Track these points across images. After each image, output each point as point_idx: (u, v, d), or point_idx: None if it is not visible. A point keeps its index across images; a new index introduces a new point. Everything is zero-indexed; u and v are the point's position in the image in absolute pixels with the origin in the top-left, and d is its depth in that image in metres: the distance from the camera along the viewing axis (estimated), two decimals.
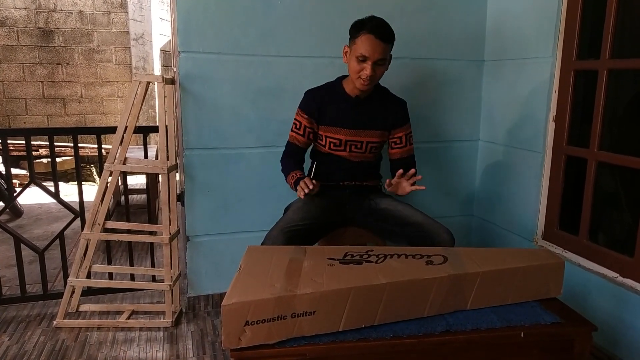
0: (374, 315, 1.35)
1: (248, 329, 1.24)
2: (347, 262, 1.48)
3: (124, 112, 2.16)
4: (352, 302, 1.31)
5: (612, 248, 1.95)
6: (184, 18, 2.14)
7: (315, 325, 1.29)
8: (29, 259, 2.77)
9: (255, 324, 1.24)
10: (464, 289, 1.44)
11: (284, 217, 1.90)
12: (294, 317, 1.27)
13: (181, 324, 2.30)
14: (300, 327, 1.28)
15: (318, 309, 1.29)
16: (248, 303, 1.24)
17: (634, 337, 1.81)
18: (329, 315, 1.30)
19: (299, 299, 1.27)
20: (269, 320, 1.25)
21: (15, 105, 6.38)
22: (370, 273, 1.40)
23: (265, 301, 1.25)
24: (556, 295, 1.56)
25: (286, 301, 1.26)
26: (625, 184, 2.07)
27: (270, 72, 2.29)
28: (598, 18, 1.92)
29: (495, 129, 2.55)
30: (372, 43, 1.76)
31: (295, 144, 2.00)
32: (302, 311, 1.27)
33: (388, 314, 1.36)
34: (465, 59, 2.56)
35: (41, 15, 6.28)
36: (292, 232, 1.80)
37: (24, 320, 2.31)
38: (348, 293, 1.31)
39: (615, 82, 1.97)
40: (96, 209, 2.23)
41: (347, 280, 1.35)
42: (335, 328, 1.31)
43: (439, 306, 1.42)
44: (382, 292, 1.34)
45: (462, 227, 2.75)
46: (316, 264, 1.46)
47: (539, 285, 1.54)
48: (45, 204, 4.45)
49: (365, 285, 1.33)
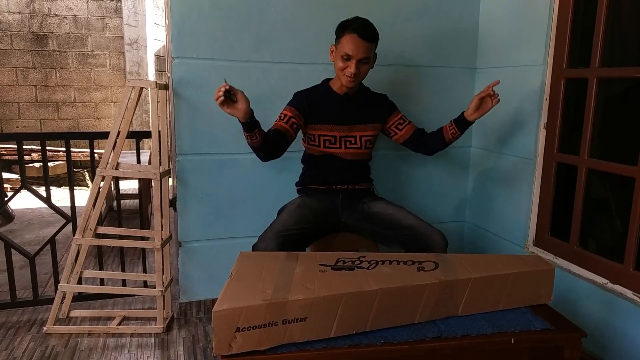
0: (365, 322, 1.35)
1: (239, 335, 1.23)
2: (338, 268, 1.49)
3: (117, 117, 2.16)
4: (343, 308, 1.31)
5: (603, 255, 1.96)
6: (178, 24, 2.15)
7: (307, 331, 1.29)
8: (20, 264, 2.75)
9: (247, 330, 1.23)
10: (455, 295, 1.45)
11: (278, 220, 1.90)
12: (285, 324, 1.27)
13: (173, 330, 2.29)
14: (292, 333, 1.28)
15: (309, 315, 1.28)
16: (239, 309, 1.23)
17: (623, 343, 1.82)
18: (320, 321, 1.30)
19: (291, 305, 1.27)
20: (260, 327, 1.25)
21: (8, 110, 6.34)
22: (362, 279, 1.40)
23: (257, 307, 1.24)
24: (547, 301, 1.57)
25: (278, 307, 1.26)
26: (615, 191, 2.09)
27: (264, 79, 2.29)
28: (588, 27, 1.95)
29: (487, 136, 2.57)
30: (356, 42, 1.83)
31: (275, 128, 1.92)
32: (293, 317, 1.27)
33: (379, 320, 1.36)
34: (458, 66, 2.58)
35: (35, 20, 6.26)
36: (286, 237, 1.80)
37: (13, 326, 2.29)
38: (340, 299, 1.31)
39: (605, 90, 1.99)
40: (88, 214, 2.22)
41: (338, 287, 1.35)
42: (327, 334, 1.31)
43: (430, 312, 1.42)
44: (374, 299, 1.34)
45: (454, 233, 2.75)
46: (308, 270, 1.46)
47: (530, 291, 1.55)
48: (37, 209, 4.42)
49: (356, 292, 1.33)
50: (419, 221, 1.89)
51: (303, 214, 1.92)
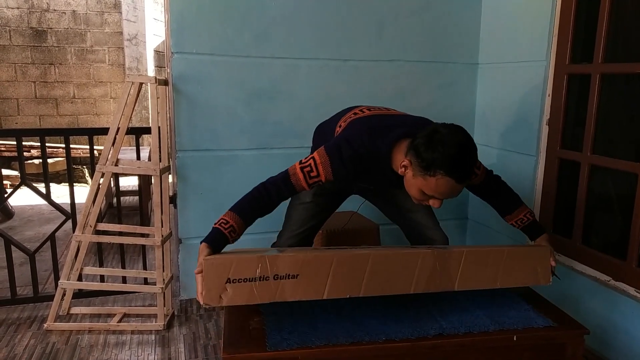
0: (358, 286, 1.34)
1: (229, 287, 1.24)
2: (331, 248, 1.50)
3: (117, 113, 2.14)
4: (335, 269, 1.31)
5: (605, 252, 1.95)
6: (178, 19, 2.13)
7: (298, 290, 1.29)
8: (20, 261, 2.74)
9: (237, 282, 1.25)
10: (449, 267, 1.42)
11: (294, 217, 1.80)
12: (276, 279, 1.27)
13: (173, 327, 2.28)
14: (283, 290, 1.28)
15: (301, 273, 1.29)
16: (230, 259, 1.25)
17: (626, 341, 1.82)
18: (312, 280, 1.30)
19: (281, 260, 1.28)
20: (250, 280, 1.25)
21: (7, 106, 6.32)
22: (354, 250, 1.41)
23: (248, 259, 1.26)
24: (545, 283, 1.54)
25: (269, 261, 1.27)
26: (618, 187, 2.08)
27: (264, 74, 2.28)
28: (591, 22, 1.93)
29: (490, 132, 2.56)
30: (452, 187, 1.38)
31: (294, 186, 1.50)
32: (284, 273, 1.28)
33: (373, 285, 1.35)
34: (460, 62, 2.57)
35: (34, 15, 6.23)
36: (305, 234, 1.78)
37: (14, 323, 2.28)
38: (331, 259, 1.31)
39: (608, 85, 1.98)
40: (88, 211, 2.21)
41: (330, 252, 1.36)
42: (319, 295, 1.31)
43: (425, 283, 1.40)
44: (366, 262, 1.34)
45: (456, 230, 2.75)
46: (300, 249, 1.48)
47: (527, 269, 1.52)
48: (37, 206, 4.40)
49: (348, 254, 1.34)
50: (428, 220, 1.80)
51: (320, 204, 1.79)
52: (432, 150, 1.34)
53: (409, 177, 1.43)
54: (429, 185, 1.38)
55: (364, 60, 2.39)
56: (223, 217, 1.46)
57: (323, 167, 1.47)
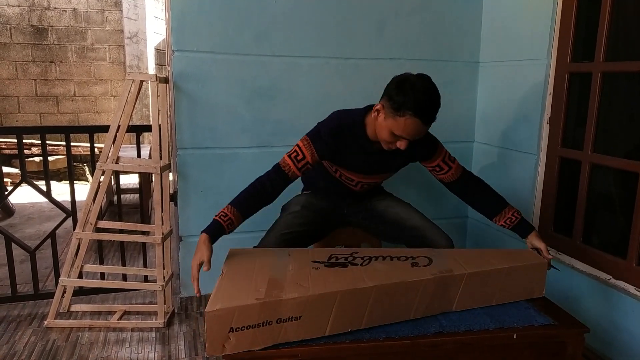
0: (360, 319, 1.33)
1: (232, 336, 1.21)
2: (332, 264, 1.47)
3: (117, 111, 2.15)
4: (338, 306, 1.29)
5: (606, 250, 1.95)
6: (178, 17, 2.13)
7: (301, 330, 1.27)
8: (20, 259, 2.74)
9: (240, 330, 1.21)
10: (449, 291, 1.44)
11: (281, 221, 1.86)
12: (279, 323, 1.25)
13: (173, 324, 2.28)
14: (286, 332, 1.26)
15: (304, 314, 1.26)
16: (232, 309, 1.21)
17: (626, 339, 1.82)
18: (315, 319, 1.28)
19: (285, 304, 1.25)
20: (254, 327, 1.22)
21: (8, 104, 6.32)
22: (356, 276, 1.38)
23: (250, 307, 1.22)
24: (539, 295, 1.56)
25: (272, 306, 1.24)
26: (619, 186, 2.07)
27: (265, 72, 2.28)
28: (593, 21, 1.93)
29: (490, 131, 2.55)
30: (417, 128, 1.54)
31: (285, 172, 1.68)
32: (288, 316, 1.25)
33: (374, 317, 1.35)
34: (461, 60, 2.56)
35: (35, 13, 6.23)
36: (289, 238, 1.78)
37: (14, 320, 2.28)
38: (334, 297, 1.29)
39: (610, 84, 1.98)
40: (88, 209, 2.21)
41: (333, 284, 1.33)
42: (322, 333, 1.29)
43: (424, 308, 1.41)
44: (369, 296, 1.33)
45: (457, 229, 2.75)
46: (301, 267, 1.44)
47: (523, 285, 1.54)
48: (37, 203, 4.41)
49: (351, 290, 1.31)
50: (425, 222, 1.84)
51: (308, 216, 1.87)
52: (403, 94, 1.52)
53: (380, 121, 1.60)
54: (399, 125, 1.54)
55: (364, 58, 2.39)
56: (223, 210, 1.64)
57: (307, 148, 1.68)
